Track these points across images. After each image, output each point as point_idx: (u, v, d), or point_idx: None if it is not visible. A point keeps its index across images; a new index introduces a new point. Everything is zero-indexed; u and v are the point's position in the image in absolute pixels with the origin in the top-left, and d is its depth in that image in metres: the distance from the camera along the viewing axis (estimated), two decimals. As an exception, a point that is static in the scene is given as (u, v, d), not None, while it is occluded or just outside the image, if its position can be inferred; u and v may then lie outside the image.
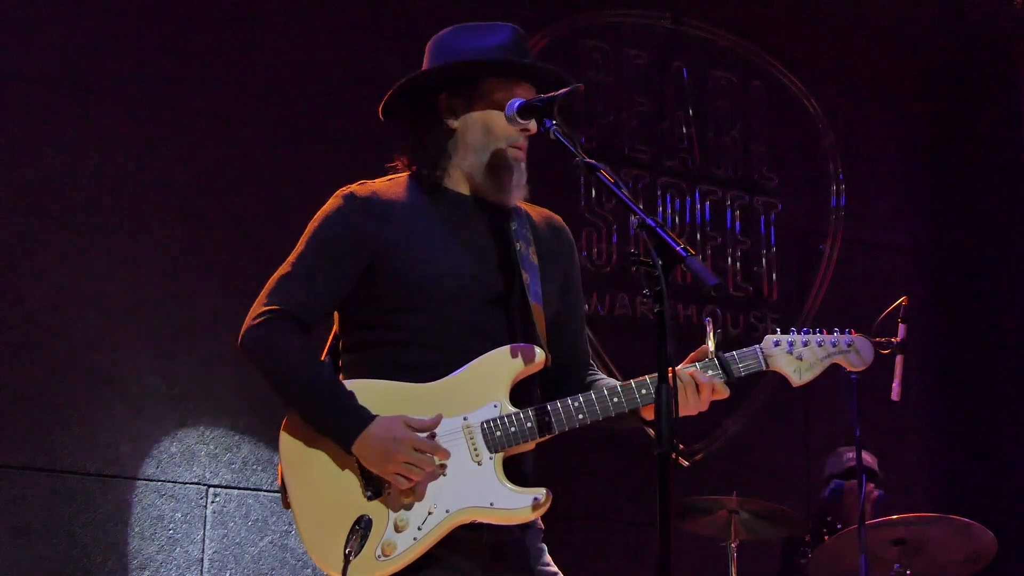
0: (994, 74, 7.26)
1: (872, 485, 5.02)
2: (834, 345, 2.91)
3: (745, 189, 6.68)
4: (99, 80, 5.28)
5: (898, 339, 4.40)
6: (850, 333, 2.93)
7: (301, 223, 2.88)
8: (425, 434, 2.67)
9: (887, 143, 7.20)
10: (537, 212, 3.02)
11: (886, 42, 7.12)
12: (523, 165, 2.87)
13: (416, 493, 2.67)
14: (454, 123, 2.88)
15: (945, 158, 7.32)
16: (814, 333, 2.92)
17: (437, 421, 2.70)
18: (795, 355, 2.88)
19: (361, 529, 2.60)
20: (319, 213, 2.88)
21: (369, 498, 2.68)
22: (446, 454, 2.68)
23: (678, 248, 2.33)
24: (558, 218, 3.07)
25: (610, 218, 6.24)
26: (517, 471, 2.75)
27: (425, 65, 2.93)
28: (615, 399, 2.76)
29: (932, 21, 6.94)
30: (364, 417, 2.67)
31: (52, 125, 5.16)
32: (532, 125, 2.81)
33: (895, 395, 4.42)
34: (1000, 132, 7.19)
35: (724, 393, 2.81)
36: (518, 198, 2.89)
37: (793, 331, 2.92)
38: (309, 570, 5.19)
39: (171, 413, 5.13)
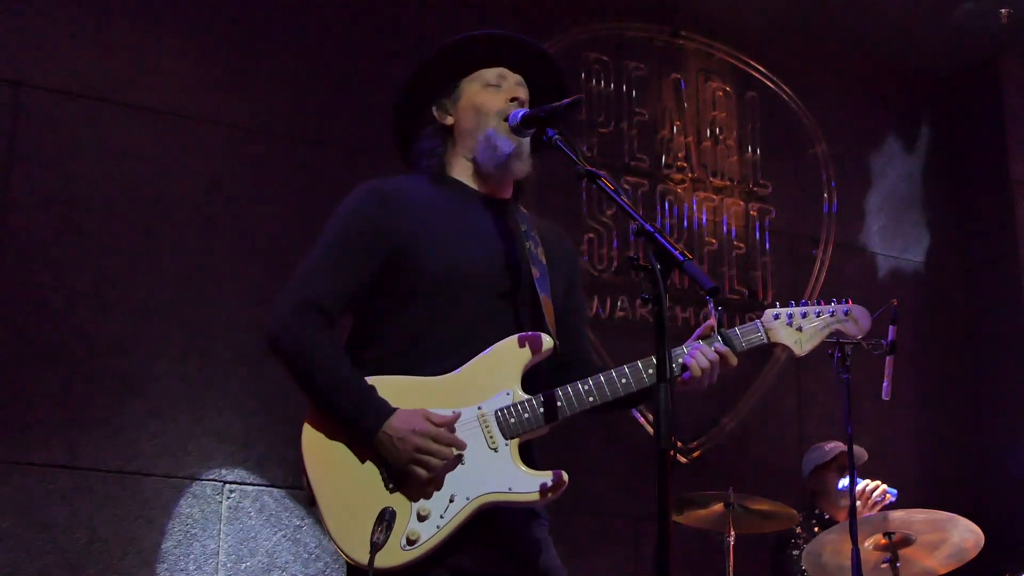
0: (980, 85, 7.33)
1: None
2: (832, 314, 2.96)
3: (741, 196, 6.75)
4: (118, 91, 5.33)
5: (888, 340, 4.49)
6: (847, 302, 2.99)
7: (312, 229, 2.92)
8: (444, 428, 2.69)
9: (877, 152, 7.25)
10: (542, 221, 3.08)
11: (876, 54, 7.18)
12: (523, 137, 2.89)
13: (436, 482, 2.69)
14: (448, 120, 2.99)
15: (934, 165, 7.38)
16: (812, 304, 2.96)
17: (456, 417, 2.72)
18: (795, 327, 2.93)
19: (387, 520, 2.61)
20: (341, 205, 2.90)
21: (391, 490, 2.69)
22: (463, 445, 2.70)
23: (676, 253, 2.35)
24: (560, 227, 3.15)
25: (610, 224, 6.30)
26: (526, 460, 2.76)
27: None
28: (623, 380, 2.78)
29: (920, 35, 6.98)
30: (385, 410, 2.69)
31: (73, 135, 5.22)
32: (521, 93, 2.93)
33: (885, 394, 4.47)
34: (986, 140, 7.27)
35: (733, 361, 2.84)
36: (520, 171, 2.94)
37: (792, 303, 2.97)
38: (321, 563, 5.24)
39: (188, 412, 5.17)
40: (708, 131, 6.76)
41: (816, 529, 5.16)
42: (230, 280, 5.37)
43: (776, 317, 2.94)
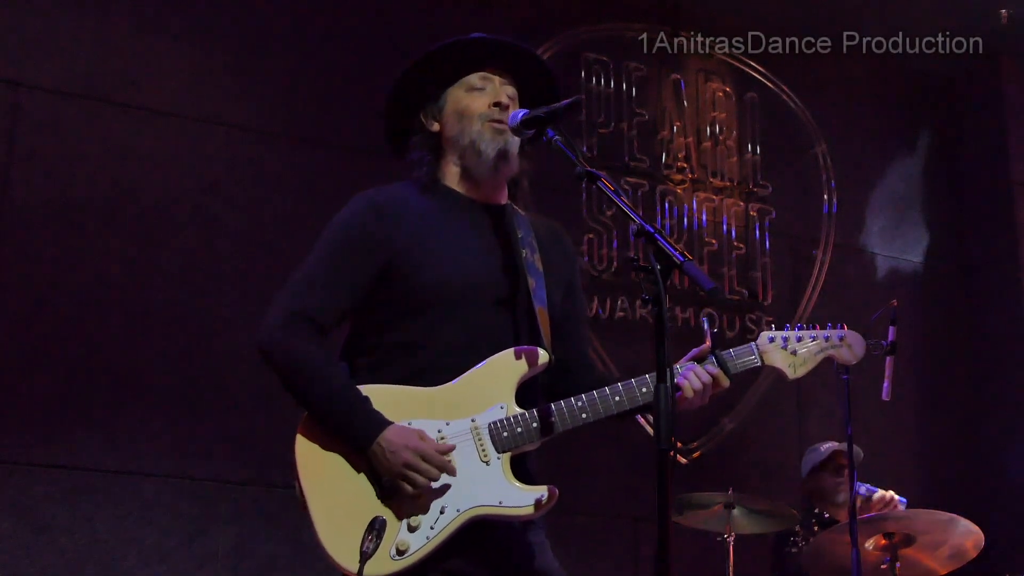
0: (980, 85, 7.36)
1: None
2: (827, 340, 2.95)
3: (741, 196, 6.76)
4: (118, 91, 5.36)
5: (888, 341, 4.45)
6: (842, 328, 2.97)
7: (311, 229, 2.92)
8: (438, 453, 2.69)
9: (876, 152, 7.28)
10: (540, 221, 3.06)
11: (876, 54, 7.17)
12: (508, 138, 2.88)
13: (428, 494, 2.69)
14: (435, 127, 2.96)
15: (933, 166, 7.41)
16: (808, 329, 2.95)
17: (451, 448, 2.72)
18: (789, 350, 2.92)
19: (376, 529, 2.61)
20: (336, 217, 2.88)
21: (382, 499, 2.69)
22: (453, 471, 2.70)
23: (676, 254, 2.35)
24: (559, 225, 3.12)
25: (610, 225, 6.31)
26: (521, 470, 2.76)
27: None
28: (617, 398, 2.78)
29: (920, 36, 6.98)
30: (380, 422, 2.69)
31: (73, 135, 5.25)
32: (504, 95, 2.89)
33: (886, 394, 4.45)
34: (986, 140, 7.30)
35: (725, 383, 2.85)
36: (508, 172, 2.93)
37: (788, 327, 2.96)
38: (321, 564, 5.20)
39: (188, 412, 5.19)
40: (708, 132, 6.78)
41: (816, 529, 5.16)
42: (230, 280, 5.39)
43: (771, 340, 2.93)
